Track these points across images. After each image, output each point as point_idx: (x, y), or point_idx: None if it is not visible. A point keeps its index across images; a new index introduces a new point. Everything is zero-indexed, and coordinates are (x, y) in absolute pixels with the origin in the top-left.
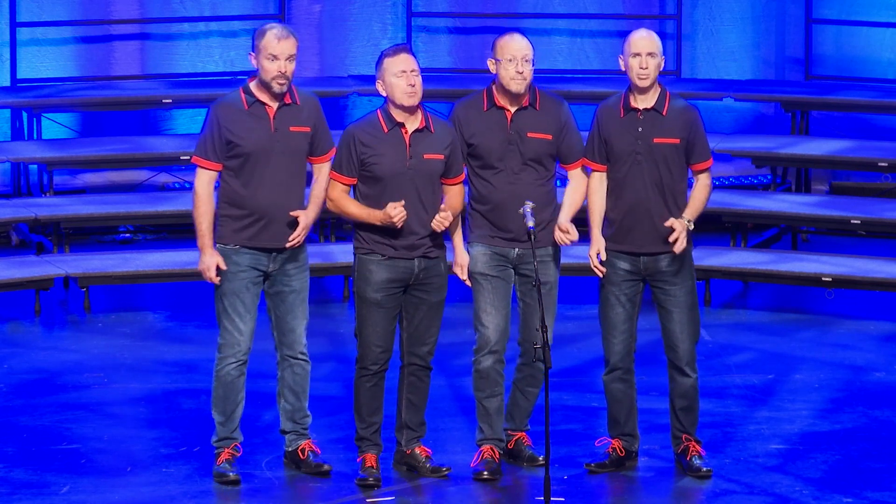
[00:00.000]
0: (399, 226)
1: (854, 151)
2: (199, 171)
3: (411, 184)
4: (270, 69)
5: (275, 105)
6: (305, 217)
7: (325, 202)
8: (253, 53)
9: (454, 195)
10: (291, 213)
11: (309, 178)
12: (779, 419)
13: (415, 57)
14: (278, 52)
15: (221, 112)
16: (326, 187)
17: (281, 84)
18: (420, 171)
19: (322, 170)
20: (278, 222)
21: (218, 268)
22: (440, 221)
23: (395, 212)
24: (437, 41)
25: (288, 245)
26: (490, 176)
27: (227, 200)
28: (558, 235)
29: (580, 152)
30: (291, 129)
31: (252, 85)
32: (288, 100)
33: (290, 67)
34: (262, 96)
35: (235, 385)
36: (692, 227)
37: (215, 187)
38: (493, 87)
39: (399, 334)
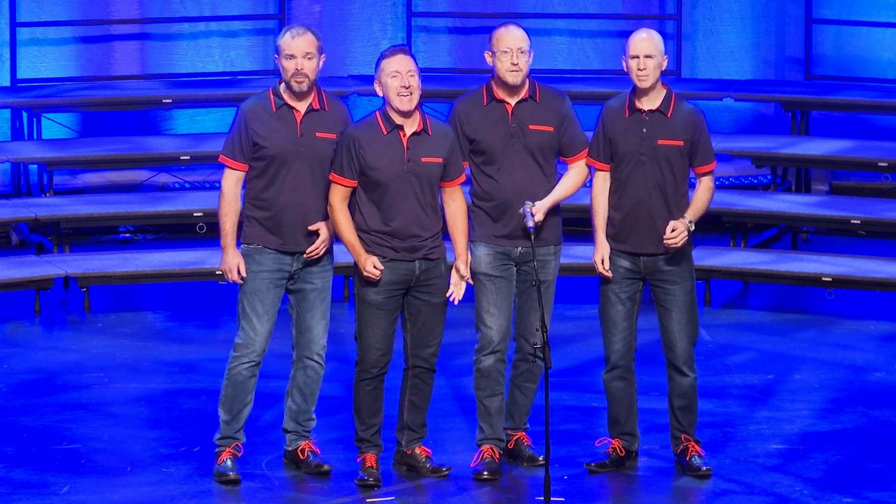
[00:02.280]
0: (365, 278)
1: (854, 151)
2: (226, 171)
3: (410, 187)
4: (288, 67)
5: (302, 109)
6: (326, 228)
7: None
8: (276, 56)
9: (458, 205)
10: (310, 228)
11: None
12: (779, 419)
13: (414, 58)
14: (294, 49)
15: (249, 113)
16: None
17: (299, 82)
18: (418, 174)
19: None
20: (299, 226)
21: (239, 269)
22: (455, 289)
23: (370, 269)
24: (437, 41)
25: (307, 256)
26: (494, 172)
27: (252, 201)
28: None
29: (582, 144)
30: (317, 134)
31: (281, 87)
32: (316, 105)
33: (307, 65)
34: (290, 99)
35: (245, 386)
36: (693, 228)
37: (242, 187)
38: (493, 82)
39: (402, 336)
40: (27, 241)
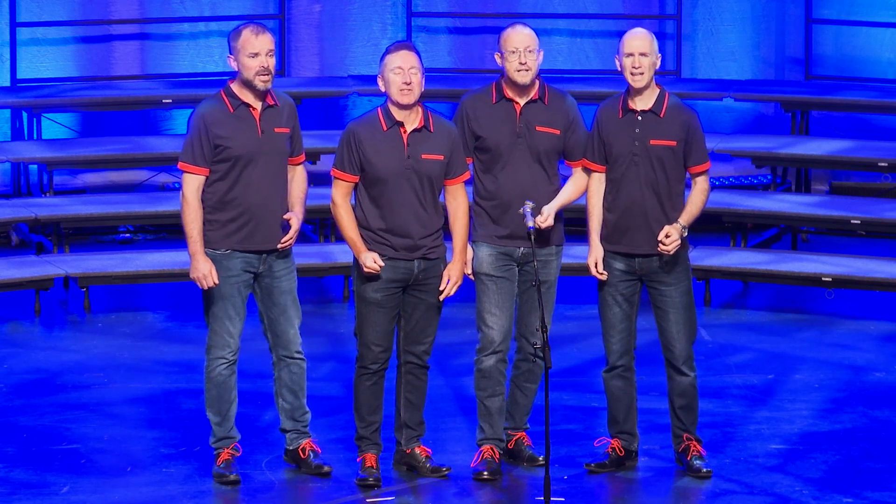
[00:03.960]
0: (366, 273)
1: (854, 151)
2: (187, 177)
3: (410, 184)
4: (252, 66)
5: (259, 106)
6: (297, 220)
7: (306, 201)
8: (231, 56)
9: (460, 203)
10: (284, 217)
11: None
12: (779, 419)
13: (418, 54)
14: (258, 48)
15: (208, 116)
16: (305, 187)
17: (264, 80)
18: (419, 171)
19: (297, 171)
20: (267, 223)
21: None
22: (448, 291)
23: (370, 264)
24: (437, 41)
25: (280, 247)
26: (497, 171)
27: (215, 205)
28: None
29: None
30: (276, 130)
31: (233, 87)
32: (270, 101)
33: (271, 62)
34: (246, 98)
35: (228, 384)
36: (685, 233)
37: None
38: (503, 80)
39: (396, 333)
40: (27, 241)
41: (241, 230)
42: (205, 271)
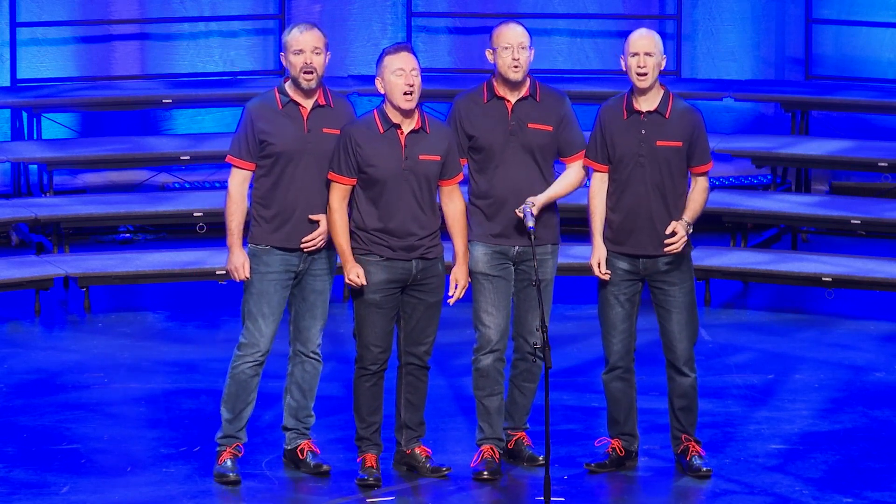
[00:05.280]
0: (347, 283)
1: (854, 151)
2: (233, 171)
3: (407, 185)
4: (297, 63)
5: (308, 105)
6: (325, 222)
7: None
8: (283, 53)
9: (456, 205)
10: (311, 217)
11: None
12: (779, 419)
13: (416, 56)
14: (302, 45)
15: (255, 111)
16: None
17: (308, 78)
18: (416, 172)
19: None
20: (307, 223)
21: (245, 268)
22: (458, 295)
23: (353, 277)
24: (437, 41)
25: (302, 247)
26: (491, 170)
27: (259, 200)
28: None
29: (580, 145)
30: (324, 130)
31: (286, 85)
32: (322, 101)
33: (316, 60)
34: (296, 96)
35: (249, 385)
36: (691, 230)
37: (249, 186)
38: (494, 79)
39: (396, 334)
40: (27, 241)
41: (282, 228)
42: (237, 263)
